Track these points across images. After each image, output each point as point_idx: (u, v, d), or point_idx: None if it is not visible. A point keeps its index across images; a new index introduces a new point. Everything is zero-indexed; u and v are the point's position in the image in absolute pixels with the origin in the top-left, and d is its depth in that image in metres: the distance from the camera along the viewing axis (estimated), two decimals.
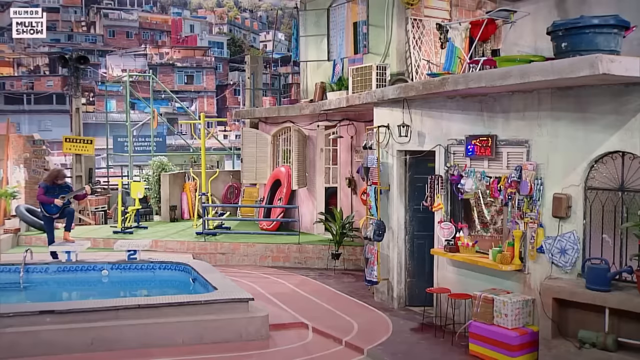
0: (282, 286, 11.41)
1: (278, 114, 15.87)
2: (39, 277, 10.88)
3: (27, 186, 20.30)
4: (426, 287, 9.29)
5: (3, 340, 7.45)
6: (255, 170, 16.70)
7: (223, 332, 8.13)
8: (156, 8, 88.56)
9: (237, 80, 63.12)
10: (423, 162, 9.67)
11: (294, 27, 16.88)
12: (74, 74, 20.87)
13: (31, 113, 58.44)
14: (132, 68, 59.00)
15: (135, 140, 23.49)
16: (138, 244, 11.72)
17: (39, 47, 70.76)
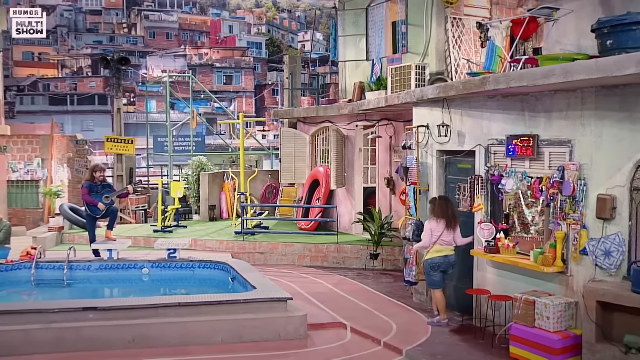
0: (321, 286, 11.41)
1: (317, 114, 15.88)
2: (82, 274, 11.08)
3: (70, 185, 20.73)
4: (464, 288, 9.19)
5: (48, 336, 7.61)
6: (294, 170, 16.73)
7: (262, 331, 8.17)
8: (196, 9, 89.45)
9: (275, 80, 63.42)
10: (455, 163, 9.60)
11: (333, 27, 16.86)
12: (116, 75, 21.18)
13: (74, 114, 59.52)
14: (172, 69, 59.73)
15: (175, 140, 23.75)
16: (178, 243, 11.85)
17: (82, 49, 72.10)
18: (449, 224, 8.73)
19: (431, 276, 8.87)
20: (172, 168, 23.49)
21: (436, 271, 8.81)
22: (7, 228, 11.09)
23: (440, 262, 8.80)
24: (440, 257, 8.79)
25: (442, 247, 8.77)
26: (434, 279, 8.87)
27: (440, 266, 8.80)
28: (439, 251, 8.78)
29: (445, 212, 8.75)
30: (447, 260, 8.83)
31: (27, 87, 63.21)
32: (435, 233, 8.73)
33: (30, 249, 11.40)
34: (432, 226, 8.78)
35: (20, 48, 71.77)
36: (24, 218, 19.72)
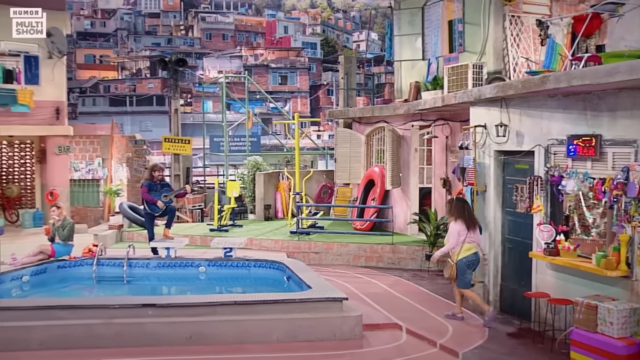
0: (375, 286, 11.37)
1: (372, 114, 15.83)
2: (140, 271, 11.33)
3: (129, 184, 21.18)
4: (522, 291, 9.02)
5: (109, 330, 7.81)
6: (349, 170, 16.72)
7: (317, 330, 8.18)
8: (251, 10, 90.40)
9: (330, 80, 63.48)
10: (512, 163, 9.42)
11: (388, 27, 16.78)
12: (173, 76, 21.54)
13: (133, 114, 60.80)
14: (228, 69, 60.40)
15: (231, 140, 24.00)
16: (234, 242, 11.98)
17: (141, 51, 73.67)
18: (468, 223, 8.97)
19: (465, 275, 9.03)
20: (228, 168, 23.75)
21: (470, 268, 9.02)
22: (71, 225, 11.40)
23: (474, 259, 8.99)
24: (472, 254, 8.98)
25: (470, 244, 8.98)
26: (467, 278, 9.07)
27: (474, 263, 9.01)
28: (469, 249, 8.98)
29: (461, 212, 9.03)
30: (477, 257, 9.05)
31: (89, 88, 64.96)
32: (462, 232, 8.92)
33: (92, 246, 11.71)
34: (458, 227, 8.97)
35: (82, 51, 73.90)
36: (86, 216, 20.25)
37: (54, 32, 18.90)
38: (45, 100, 19.01)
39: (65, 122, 19.93)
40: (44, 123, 19.05)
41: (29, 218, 19.48)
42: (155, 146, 31.22)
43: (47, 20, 18.72)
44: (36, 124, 18.86)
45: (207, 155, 24.95)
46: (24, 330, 7.76)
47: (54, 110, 19.33)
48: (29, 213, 19.61)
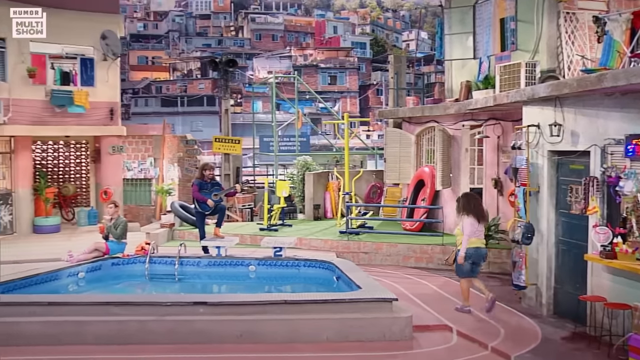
0: (425, 287, 11.28)
1: (422, 114, 15.72)
2: (191, 270, 11.48)
3: (180, 183, 21.50)
4: (577, 294, 8.82)
5: (162, 327, 7.94)
6: (399, 170, 16.63)
7: (367, 331, 8.16)
8: (300, 11, 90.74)
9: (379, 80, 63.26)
10: (567, 164, 9.22)
11: (438, 25, 16.62)
12: (224, 77, 21.76)
13: (184, 114, 61.68)
14: (278, 70, 60.76)
15: (281, 140, 24.13)
16: (284, 241, 12.04)
17: (192, 52, 74.69)
18: (476, 217, 9.38)
19: (461, 266, 9.46)
20: (278, 167, 23.89)
21: (467, 260, 9.39)
22: (124, 224, 11.63)
23: (471, 253, 9.38)
24: (472, 249, 9.37)
25: (474, 239, 9.38)
26: (463, 268, 9.47)
27: (471, 257, 9.39)
28: (472, 243, 9.38)
29: (468, 206, 9.44)
30: (478, 252, 9.46)
31: (141, 89, 66.17)
32: (474, 225, 9.36)
33: (145, 244, 11.91)
34: (470, 221, 9.36)
35: (135, 53, 75.36)
36: (138, 214, 20.63)
37: (108, 34, 19.32)
38: (100, 101, 19.45)
39: (119, 122, 20.34)
40: (98, 123, 19.49)
41: (84, 216, 19.96)
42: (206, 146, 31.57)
43: (102, 23, 19.26)
44: (91, 124, 19.31)
45: (256, 155, 25.12)
46: (80, 325, 7.96)
47: (108, 110, 19.75)
48: (84, 211, 20.09)
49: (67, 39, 19.19)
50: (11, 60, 18.05)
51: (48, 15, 18.20)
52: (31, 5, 14.12)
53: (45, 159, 20.59)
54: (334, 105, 60.60)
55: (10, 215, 18.49)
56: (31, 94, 18.31)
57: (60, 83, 19.32)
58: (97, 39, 19.19)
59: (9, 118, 17.55)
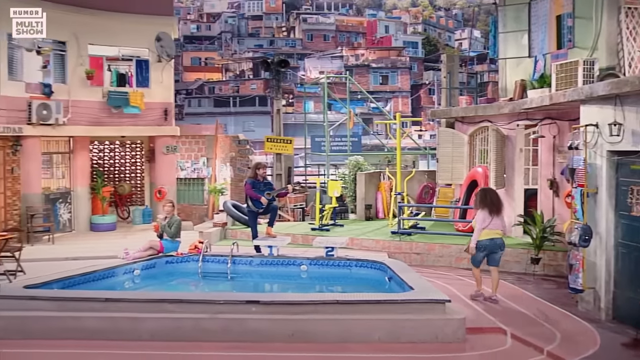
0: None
1: (475, 113, 15.52)
2: (243, 268, 11.56)
3: (232, 183, 21.74)
4: (637, 299, 8.55)
5: (215, 325, 8.02)
6: (451, 170, 16.46)
7: (419, 332, 8.08)
8: (352, 11, 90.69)
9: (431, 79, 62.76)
10: (627, 164, 8.96)
11: (492, 24, 16.38)
12: (275, 77, 21.95)
13: (236, 115, 62.37)
14: (329, 70, 60.88)
15: (332, 140, 24.16)
16: (335, 241, 12.03)
17: (244, 52, 75.44)
18: (491, 210, 9.88)
19: (475, 255, 10.00)
20: (329, 167, 23.92)
21: (481, 251, 9.95)
22: (178, 223, 11.80)
23: (487, 244, 9.91)
24: (487, 240, 9.90)
25: (489, 230, 9.88)
26: (477, 258, 10.05)
27: (486, 247, 9.92)
28: (487, 234, 9.88)
29: (484, 201, 9.95)
30: (494, 242, 9.94)
31: (194, 90, 67.15)
32: (487, 219, 9.85)
33: (198, 243, 12.07)
34: (482, 215, 9.90)
35: (188, 54, 76.56)
36: (191, 213, 20.95)
37: (162, 36, 19.69)
38: (155, 102, 19.83)
39: (173, 122, 20.70)
40: (153, 124, 19.87)
41: (138, 215, 20.38)
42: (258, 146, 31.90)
43: (157, 25, 19.65)
44: (146, 124, 19.70)
45: (308, 155, 25.22)
46: (135, 322, 8.11)
47: (163, 111, 20.11)
48: (139, 210, 20.51)
49: (123, 42, 19.65)
50: (71, 62, 18.57)
51: (105, 19, 18.84)
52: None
53: (102, 159, 21.11)
54: (386, 105, 60.39)
55: (69, 213, 19.01)
56: (89, 96, 18.80)
57: (116, 84, 19.79)
58: (152, 41, 19.59)
59: (68, 119, 18.05)
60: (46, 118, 17.28)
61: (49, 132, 17.77)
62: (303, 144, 25.02)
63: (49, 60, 18.49)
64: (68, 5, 18.16)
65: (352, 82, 29.14)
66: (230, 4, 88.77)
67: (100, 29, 18.84)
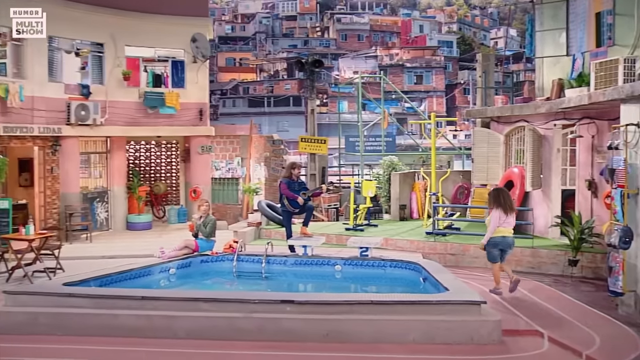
0: (515, 291, 10.96)
1: (511, 113, 15.33)
2: (278, 268, 11.58)
3: (266, 183, 21.83)
4: None
5: (250, 324, 8.04)
6: (487, 170, 16.27)
7: (454, 333, 8.01)
8: (386, 10, 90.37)
9: (466, 79, 62.24)
10: None
11: (529, 22, 16.18)
12: (310, 77, 21.97)
13: (271, 115, 62.61)
14: (363, 70, 60.77)
15: (366, 140, 24.08)
16: (370, 241, 11.99)
17: (278, 53, 75.72)
18: (505, 209, 10.24)
19: (490, 252, 10.41)
20: (363, 167, 23.87)
21: (494, 248, 10.34)
22: (213, 222, 11.88)
23: (499, 241, 10.30)
24: (499, 237, 10.29)
25: (502, 228, 10.27)
26: (492, 254, 10.41)
27: (499, 244, 10.31)
28: (499, 232, 10.25)
29: (498, 200, 10.29)
30: (506, 240, 10.34)
31: (229, 90, 67.58)
32: (502, 217, 10.23)
33: (233, 242, 12.14)
34: (497, 214, 10.24)
35: (223, 55, 77.11)
36: (225, 213, 21.09)
37: (198, 37, 19.87)
38: (190, 102, 20.02)
39: (208, 122, 20.87)
40: (188, 124, 20.06)
41: (174, 214, 20.59)
42: (292, 146, 31.97)
43: (192, 26, 19.84)
44: (181, 124, 19.90)
45: (342, 155, 25.19)
46: (171, 319, 8.18)
47: (198, 111, 20.30)
48: (174, 209, 20.73)
49: (159, 43, 19.88)
50: (108, 64, 18.85)
51: (142, 21, 19.08)
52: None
53: (138, 159, 21.38)
54: (420, 105, 60.09)
55: (106, 212, 19.29)
56: (125, 96, 19.07)
57: (152, 85, 20.03)
58: (188, 42, 19.78)
59: (105, 119, 18.32)
60: (84, 118, 17.57)
61: (87, 132, 18.06)
62: (337, 144, 24.98)
63: (87, 62, 18.83)
64: (106, 8, 18.46)
65: (386, 82, 29.01)
66: (264, 4, 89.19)
67: (137, 30, 19.10)
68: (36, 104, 16.70)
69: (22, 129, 16.24)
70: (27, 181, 18.40)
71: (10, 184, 17.47)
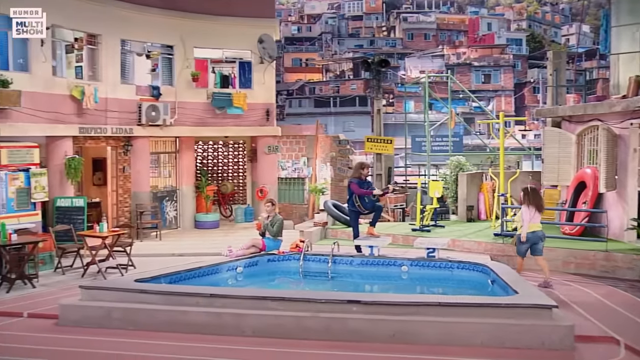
0: (588, 295, 10.64)
1: (584, 112, 14.88)
2: (344, 268, 11.57)
3: (332, 183, 21.86)
4: None
5: (317, 324, 8.05)
6: (557, 171, 15.86)
7: (524, 337, 7.81)
8: (453, 8, 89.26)
9: (536, 77, 60.85)
10: None
11: (603, 17, 15.70)
12: (376, 77, 21.87)
13: (337, 115, 62.65)
14: (430, 69, 60.13)
15: (433, 140, 23.81)
16: (437, 242, 11.85)
17: (344, 53, 75.80)
18: (538, 208, 11.14)
19: (520, 246, 11.31)
20: (430, 168, 23.63)
21: (525, 243, 11.20)
22: (280, 222, 11.95)
23: (530, 237, 11.13)
24: (530, 233, 11.11)
25: (532, 224, 11.12)
26: (522, 249, 11.32)
27: (529, 239, 11.15)
28: (530, 227, 11.11)
29: (535, 199, 11.16)
30: (536, 234, 11.15)
31: (295, 90, 68.01)
32: (533, 215, 11.06)
33: (299, 242, 12.19)
34: (532, 211, 11.08)
35: (289, 55, 77.72)
36: (291, 212, 21.23)
37: (265, 38, 20.07)
38: (257, 102, 20.24)
39: (274, 123, 21.06)
40: (255, 124, 20.29)
41: (241, 213, 20.87)
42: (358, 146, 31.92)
43: (259, 28, 20.09)
44: (248, 125, 20.15)
45: (408, 155, 25.00)
46: (238, 317, 8.27)
47: (264, 112, 20.50)
48: (241, 208, 21.01)
49: (227, 44, 20.19)
50: (178, 66, 19.26)
51: (210, 23, 19.42)
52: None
53: (206, 158, 21.77)
54: (488, 104, 59.03)
55: (175, 211, 19.71)
56: (194, 97, 19.44)
57: (220, 86, 20.36)
58: (255, 43, 20.01)
59: (175, 120, 18.71)
60: (155, 119, 17.99)
61: (157, 133, 18.50)
62: (403, 144, 24.80)
63: (158, 64, 19.28)
64: (175, 11, 18.88)
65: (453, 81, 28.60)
66: (330, 4, 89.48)
67: (205, 32, 19.44)
68: (109, 105, 17.20)
69: (96, 129, 16.76)
70: (100, 180, 18.99)
71: (85, 182, 18.07)
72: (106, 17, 17.06)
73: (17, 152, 13.99)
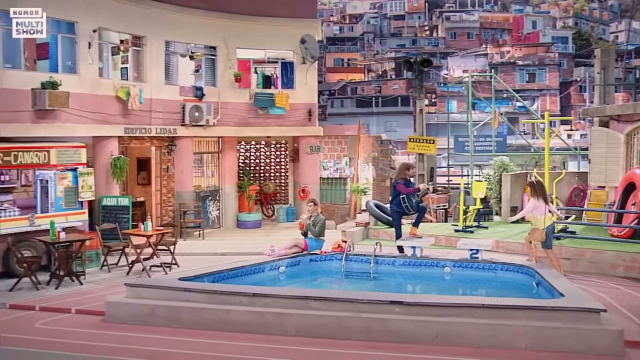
0: (637, 299, 10.37)
1: (634, 111, 14.56)
2: (386, 268, 11.50)
3: (374, 183, 21.80)
4: None
5: (359, 324, 8.03)
6: (605, 171, 15.55)
7: (570, 342, 7.65)
8: (497, 7, 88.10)
9: (582, 76, 59.71)
10: None
11: None
12: (418, 77, 21.72)
13: (378, 115, 62.50)
14: (473, 68, 59.55)
15: (476, 140, 23.60)
16: (480, 243, 11.71)
17: (386, 53, 75.53)
18: (545, 200, 11.26)
19: (548, 239, 11.33)
20: (473, 168, 23.39)
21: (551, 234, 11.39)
22: (322, 222, 11.95)
23: (552, 228, 11.51)
24: (551, 225, 11.39)
25: (550, 215, 11.32)
26: (550, 241, 11.42)
27: (553, 230, 11.57)
28: (550, 218, 11.31)
29: (541, 191, 11.34)
30: (553, 226, 11.56)
31: (337, 90, 68.01)
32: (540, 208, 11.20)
33: (341, 242, 12.17)
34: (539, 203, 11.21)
35: (331, 55, 77.75)
36: (333, 212, 21.24)
37: (307, 39, 20.12)
38: (299, 102, 20.31)
39: (316, 123, 21.10)
40: (297, 124, 20.36)
41: (282, 213, 20.95)
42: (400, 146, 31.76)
43: (301, 28, 20.17)
44: (290, 125, 20.23)
45: (451, 155, 24.81)
46: (281, 317, 8.29)
47: (306, 112, 20.56)
48: (283, 208, 21.09)
49: (269, 45, 20.31)
50: (220, 66, 19.45)
51: (252, 24, 19.55)
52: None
53: (248, 158, 21.94)
54: (533, 104, 58.15)
55: (218, 210, 19.90)
56: (237, 97, 19.60)
57: (262, 86, 20.49)
58: (297, 43, 20.07)
59: (217, 120, 18.90)
60: (198, 119, 18.19)
61: (200, 133, 18.70)
62: (446, 144, 24.63)
63: (201, 65, 19.50)
64: (218, 12, 19.06)
65: (497, 81, 28.29)
66: (372, 4, 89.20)
67: (248, 33, 19.58)
68: (154, 106, 17.47)
69: (141, 129, 17.03)
70: (144, 180, 19.29)
71: (129, 182, 18.37)
72: (151, 19, 17.33)
73: (66, 152, 14.30)
